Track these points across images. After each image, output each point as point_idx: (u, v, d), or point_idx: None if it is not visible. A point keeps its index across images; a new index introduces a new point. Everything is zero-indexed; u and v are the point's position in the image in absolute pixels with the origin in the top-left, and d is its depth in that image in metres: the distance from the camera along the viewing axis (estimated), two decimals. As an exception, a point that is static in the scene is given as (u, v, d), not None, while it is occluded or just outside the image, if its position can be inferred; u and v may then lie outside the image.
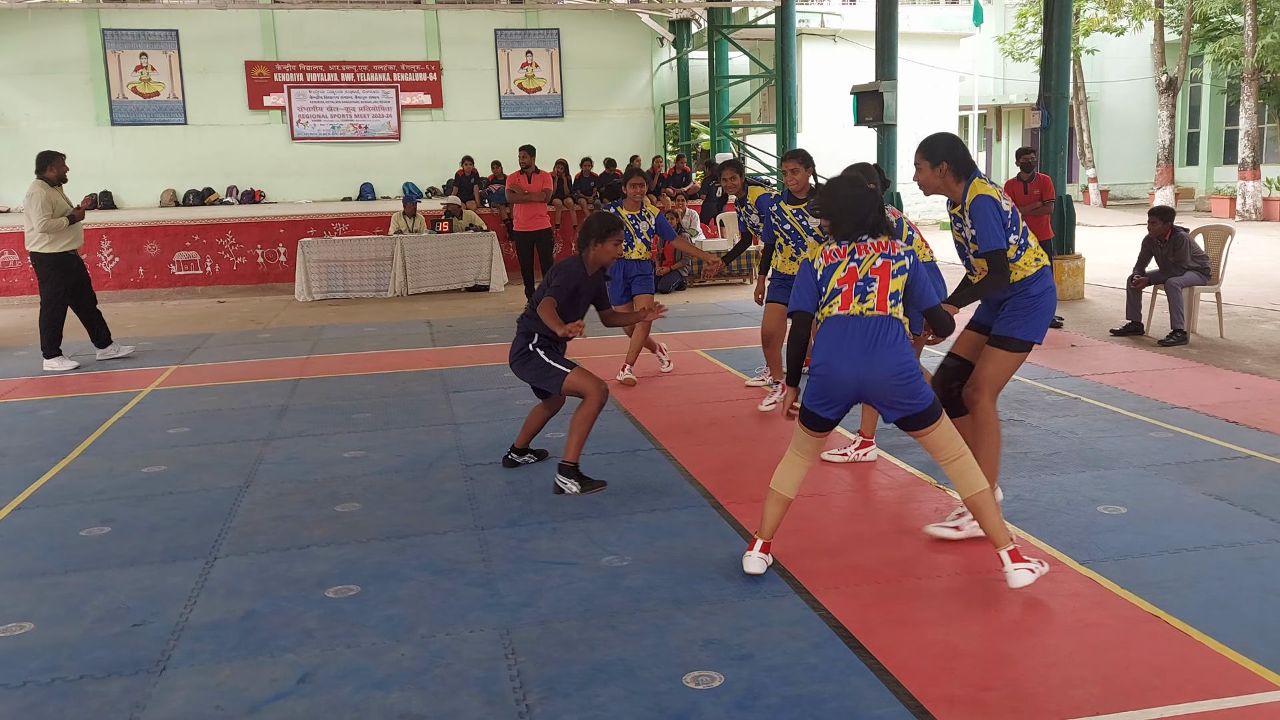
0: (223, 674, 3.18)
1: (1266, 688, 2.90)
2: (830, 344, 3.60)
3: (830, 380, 3.58)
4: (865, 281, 3.59)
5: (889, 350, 3.53)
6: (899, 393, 3.54)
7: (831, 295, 3.63)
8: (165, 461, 5.60)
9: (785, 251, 6.15)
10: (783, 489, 3.78)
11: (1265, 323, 9.08)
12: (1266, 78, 22.95)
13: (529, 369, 4.88)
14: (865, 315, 3.57)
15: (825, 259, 3.67)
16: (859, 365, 3.54)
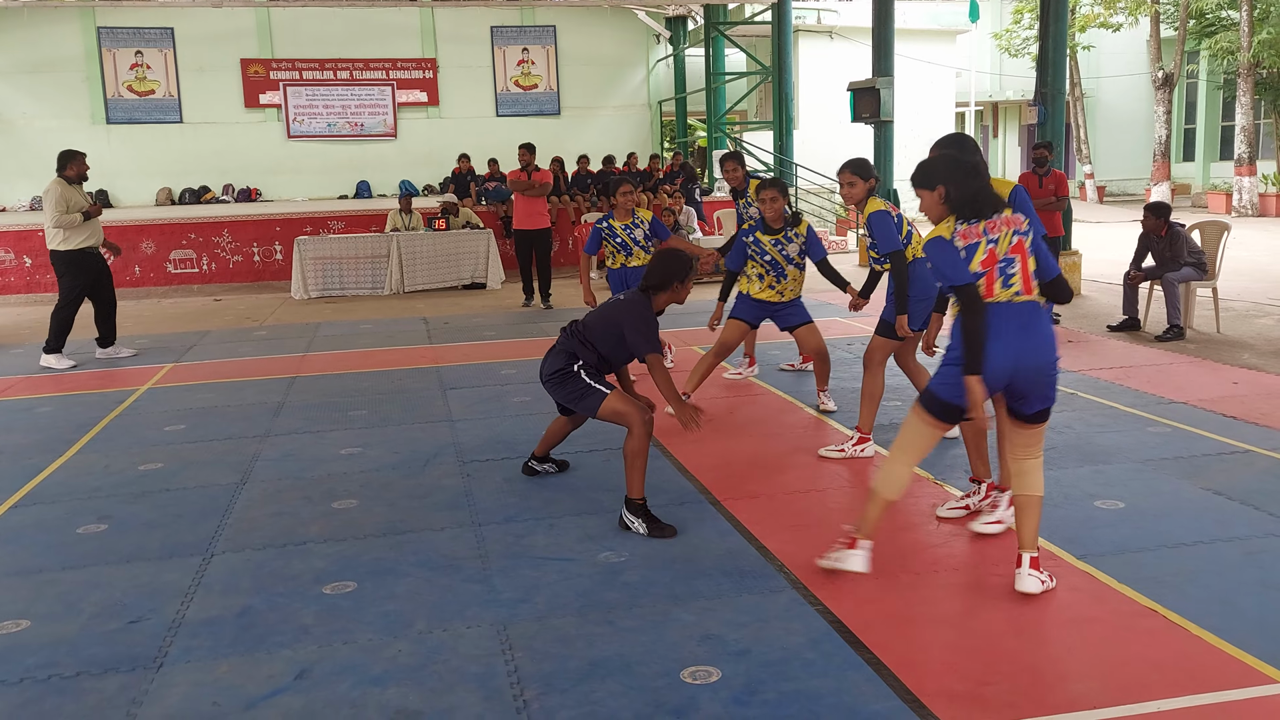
0: (219, 670, 3.17)
1: (1264, 682, 2.90)
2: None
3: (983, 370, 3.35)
4: (1006, 263, 3.39)
5: (1045, 336, 3.39)
6: (1047, 383, 3.41)
7: (974, 279, 3.41)
8: (162, 459, 5.59)
9: (765, 281, 5.96)
10: (890, 492, 3.59)
11: (1262, 317, 9.09)
12: (1262, 73, 22.97)
13: (567, 390, 4.49)
14: (1015, 302, 3.39)
15: (961, 238, 3.43)
16: (1016, 353, 3.35)
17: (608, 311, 4.53)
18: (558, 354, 4.57)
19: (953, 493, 4.59)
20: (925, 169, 3.55)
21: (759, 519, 4.36)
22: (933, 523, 4.27)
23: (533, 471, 5.07)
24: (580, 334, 4.54)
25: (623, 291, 4.75)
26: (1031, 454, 3.54)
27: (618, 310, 4.48)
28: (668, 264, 4.49)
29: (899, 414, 6.01)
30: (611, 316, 4.49)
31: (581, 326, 4.57)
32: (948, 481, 4.78)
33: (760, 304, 6.06)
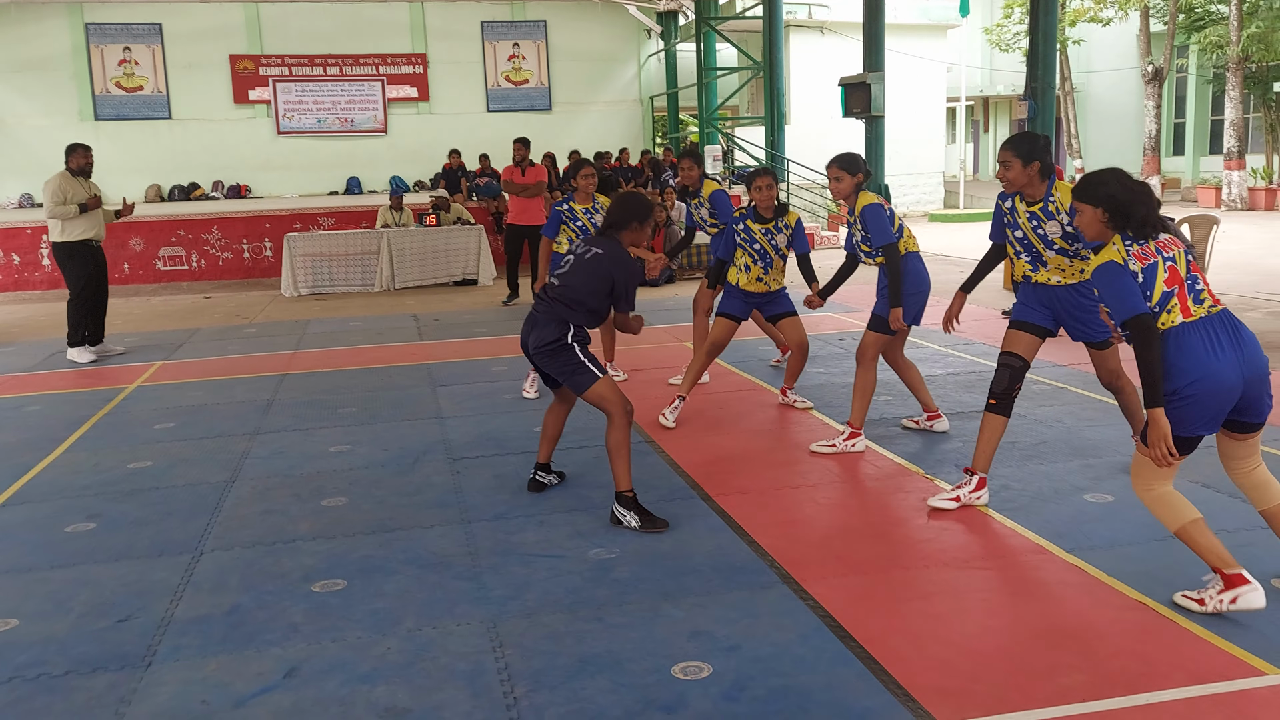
0: (208, 668, 3.16)
1: (1253, 673, 2.91)
2: (1197, 356, 3.14)
3: (1212, 395, 3.13)
4: (1191, 279, 3.20)
5: (1255, 341, 3.19)
6: (1269, 385, 3.23)
7: (1164, 300, 3.17)
8: (151, 457, 5.57)
9: (753, 271, 5.94)
10: (1189, 516, 3.28)
11: (1251, 310, 9.12)
12: (1251, 67, 23.02)
13: (559, 362, 4.31)
14: (1213, 314, 3.19)
15: (1138, 259, 3.20)
16: (1241, 365, 3.14)
17: (588, 265, 4.33)
18: (546, 322, 4.33)
19: (942, 486, 4.60)
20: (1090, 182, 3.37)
21: (749, 514, 4.36)
22: (922, 517, 4.28)
23: (540, 486, 4.75)
24: (564, 296, 4.32)
25: (584, 242, 4.47)
26: (1256, 463, 3.38)
27: (600, 263, 4.31)
28: (627, 203, 4.41)
29: (889, 409, 6.02)
30: (595, 269, 4.30)
31: (563, 288, 4.33)
32: (937, 475, 4.78)
33: (747, 295, 6.06)
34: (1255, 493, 3.40)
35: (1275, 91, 23.21)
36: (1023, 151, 4.28)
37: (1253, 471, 3.39)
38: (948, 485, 4.62)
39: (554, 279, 4.41)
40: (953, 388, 6.46)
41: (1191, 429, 3.19)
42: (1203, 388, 3.13)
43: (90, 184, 8.63)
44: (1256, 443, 3.37)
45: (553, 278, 4.42)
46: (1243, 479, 3.41)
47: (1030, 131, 4.18)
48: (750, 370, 7.34)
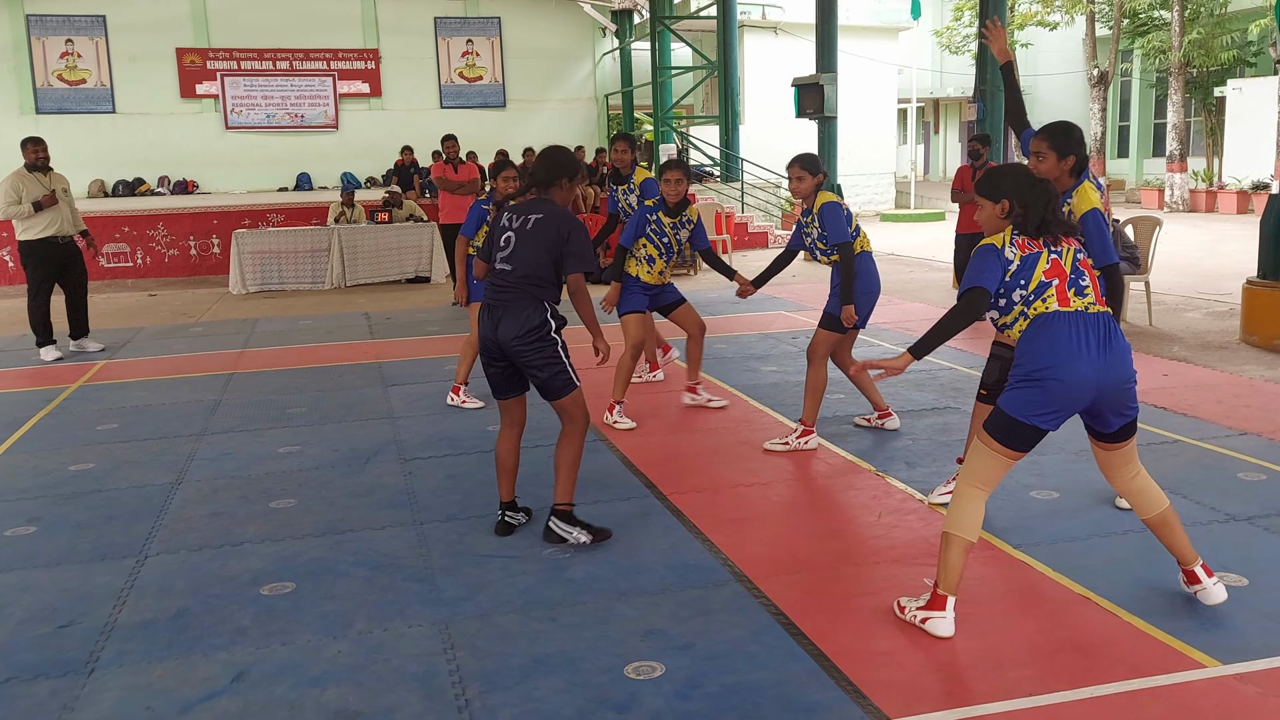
0: (154, 674, 3.10)
1: (1193, 666, 2.98)
2: (1057, 345, 3.08)
3: (1063, 386, 3.06)
4: (1076, 274, 3.16)
5: (1123, 351, 3.14)
6: (1129, 398, 3.17)
7: (1040, 289, 3.14)
8: (93, 459, 5.45)
9: (656, 265, 5.90)
10: (965, 531, 3.20)
11: (1192, 311, 9.34)
12: (1193, 73, 23.59)
13: (541, 356, 3.92)
14: (1090, 311, 3.13)
15: (1020, 248, 3.17)
16: (1099, 368, 3.08)
17: (531, 234, 3.93)
18: (518, 307, 3.91)
19: (893, 483, 4.65)
20: (992, 178, 3.31)
21: (703, 513, 4.38)
22: (874, 514, 4.32)
23: (509, 528, 4.22)
24: (520, 275, 3.92)
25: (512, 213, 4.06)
26: (1133, 473, 3.34)
27: (545, 225, 3.94)
28: (554, 159, 4.03)
29: (841, 407, 6.07)
30: (542, 233, 3.92)
31: (516, 269, 3.92)
32: (888, 473, 4.84)
33: (647, 288, 5.97)
34: (1136, 500, 3.36)
35: (1215, 96, 23.80)
36: (1058, 144, 3.89)
37: (1132, 480, 3.35)
38: (899, 482, 4.68)
39: (501, 264, 3.98)
40: (903, 386, 6.53)
41: (1030, 415, 3.10)
42: (1054, 375, 3.06)
43: (55, 177, 8.44)
44: (1129, 453, 3.32)
45: (500, 264, 3.98)
46: (1123, 487, 3.38)
47: (1068, 122, 3.92)
48: (705, 368, 7.35)
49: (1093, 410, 3.19)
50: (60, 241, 8.44)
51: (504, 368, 4.05)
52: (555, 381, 3.98)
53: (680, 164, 5.93)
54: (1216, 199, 22.12)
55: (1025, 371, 3.13)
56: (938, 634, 3.19)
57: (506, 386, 4.12)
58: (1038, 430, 3.14)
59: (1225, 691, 2.84)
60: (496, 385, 4.12)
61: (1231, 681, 2.89)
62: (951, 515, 3.24)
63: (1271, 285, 7.65)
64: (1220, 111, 23.51)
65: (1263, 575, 3.56)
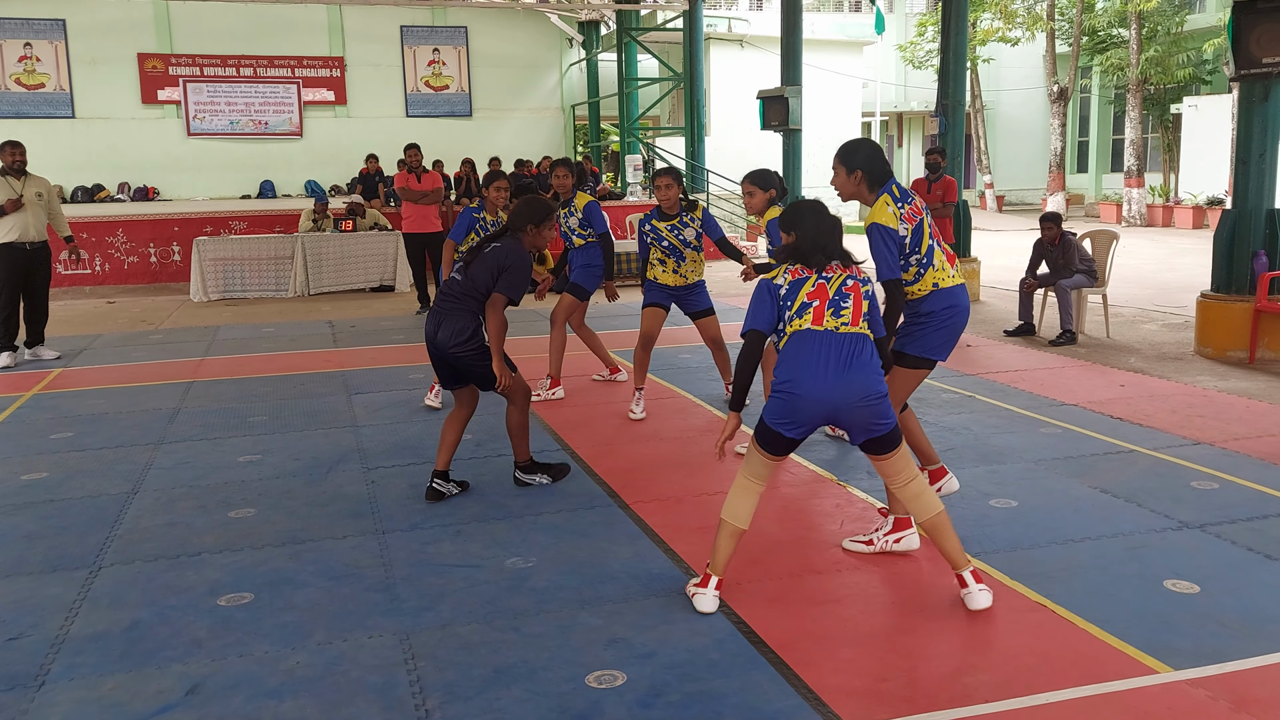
0: (105, 687, 3.04)
1: (1144, 672, 3.03)
2: (801, 361, 3.33)
3: (800, 400, 3.32)
4: (839, 297, 3.38)
5: (865, 370, 3.35)
6: (870, 414, 3.36)
7: (801, 309, 3.38)
8: (46, 468, 5.35)
9: (667, 266, 6.14)
10: (736, 519, 3.48)
11: (1148, 323, 9.50)
12: (1150, 89, 24.04)
13: (471, 358, 4.51)
14: (840, 331, 3.35)
15: (790, 275, 3.42)
16: (834, 386, 3.31)
17: (486, 258, 4.53)
18: (456, 315, 4.51)
19: (854, 492, 4.69)
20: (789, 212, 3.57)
21: (667, 521, 4.38)
22: (836, 522, 4.35)
23: (438, 494, 4.68)
24: (466, 288, 4.52)
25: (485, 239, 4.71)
26: (903, 481, 3.51)
27: (496, 254, 4.53)
28: (526, 207, 4.62)
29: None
30: (491, 260, 4.51)
31: (464, 281, 4.54)
32: (850, 483, 4.87)
33: (667, 289, 6.22)
34: (911, 505, 3.52)
35: (1172, 113, 24.27)
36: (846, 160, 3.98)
37: (905, 486, 3.51)
38: (860, 492, 4.72)
39: (455, 275, 4.61)
40: (866, 396, 6.58)
41: (774, 422, 3.38)
42: (793, 389, 3.33)
43: (34, 181, 8.31)
44: (899, 461, 3.48)
45: (454, 274, 4.62)
46: (899, 493, 3.54)
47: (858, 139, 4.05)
48: (670, 378, 7.37)
49: (840, 424, 3.42)
50: (27, 248, 8.30)
51: (444, 364, 4.64)
52: (486, 377, 4.56)
53: (670, 170, 6.13)
54: (1173, 214, 22.54)
55: (776, 382, 3.41)
56: (701, 609, 3.46)
57: (452, 379, 4.70)
58: (782, 438, 3.41)
59: (1176, 696, 2.89)
60: (443, 378, 4.72)
61: (1183, 686, 2.93)
62: (728, 503, 3.52)
63: (1224, 298, 7.80)
64: (1177, 128, 23.98)
65: (1213, 582, 3.63)
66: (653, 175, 6.14)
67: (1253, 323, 7.55)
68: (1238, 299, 7.72)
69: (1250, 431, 5.59)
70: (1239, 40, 7.29)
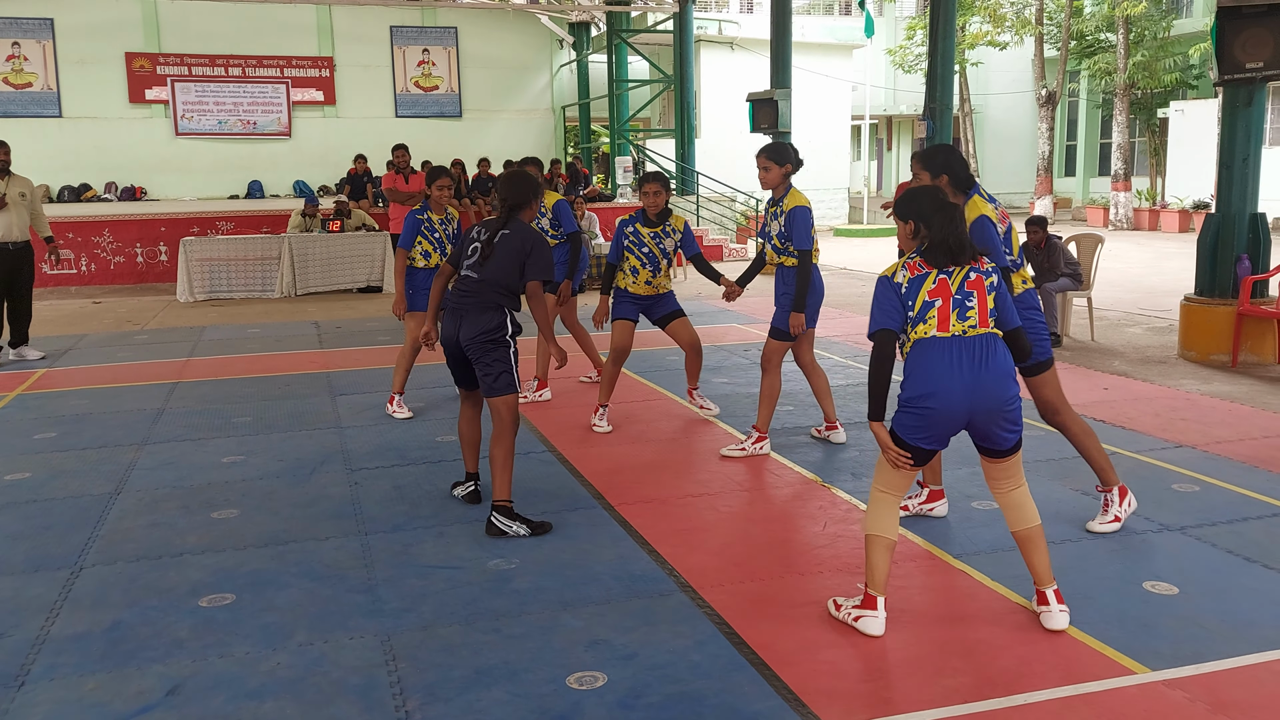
0: (86, 687, 3.04)
1: (1123, 673, 3.05)
2: (932, 373, 3.19)
3: (935, 414, 3.19)
4: (962, 295, 3.20)
5: (999, 374, 3.19)
6: (1007, 419, 3.23)
7: (924, 311, 3.20)
8: (30, 468, 5.33)
9: (641, 275, 5.98)
10: (884, 531, 3.34)
11: (1133, 326, 9.56)
12: (1138, 94, 24.18)
13: (491, 357, 4.29)
14: (969, 335, 3.19)
15: (909, 270, 3.24)
16: (969, 395, 3.16)
17: (500, 247, 4.34)
18: (479, 310, 4.29)
19: (838, 494, 4.70)
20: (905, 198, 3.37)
21: (651, 523, 4.39)
22: (819, 524, 4.36)
23: (478, 498, 4.68)
24: (486, 283, 4.31)
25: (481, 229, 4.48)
26: (1014, 485, 3.39)
27: (511, 240, 4.35)
28: (520, 183, 4.49)
29: (790, 419, 6.12)
30: (508, 248, 4.34)
31: (482, 278, 4.32)
32: (834, 484, 4.88)
33: (636, 299, 6.08)
34: (1009, 513, 3.42)
35: (1159, 117, 24.41)
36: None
37: (1010, 493, 3.41)
38: (845, 493, 4.73)
39: (468, 272, 4.38)
40: (850, 398, 6.60)
41: (911, 437, 3.26)
42: (931, 403, 3.19)
43: (15, 181, 8.30)
44: (1012, 467, 3.38)
45: (466, 271, 4.39)
46: (1001, 499, 3.44)
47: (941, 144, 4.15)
48: (656, 380, 7.39)
49: (977, 431, 3.29)
50: (10, 248, 8.28)
51: (462, 362, 4.48)
52: (499, 381, 4.34)
53: (658, 176, 6.02)
54: (1159, 217, 22.66)
55: (906, 396, 3.27)
56: (870, 633, 3.30)
57: (466, 380, 4.57)
58: (923, 450, 3.29)
59: (1154, 697, 2.91)
60: (458, 378, 4.59)
61: (1160, 687, 2.95)
62: (869, 518, 3.39)
63: (1207, 302, 7.85)
64: (1164, 132, 24.12)
65: (1193, 584, 3.65)
66: (640, 180, 6.06)
67: (1235, 326, 7.60)
68: (1221, 303, 7.77)
69: (1232, 435, 5.63)
70: (1223, 45, 7.34)
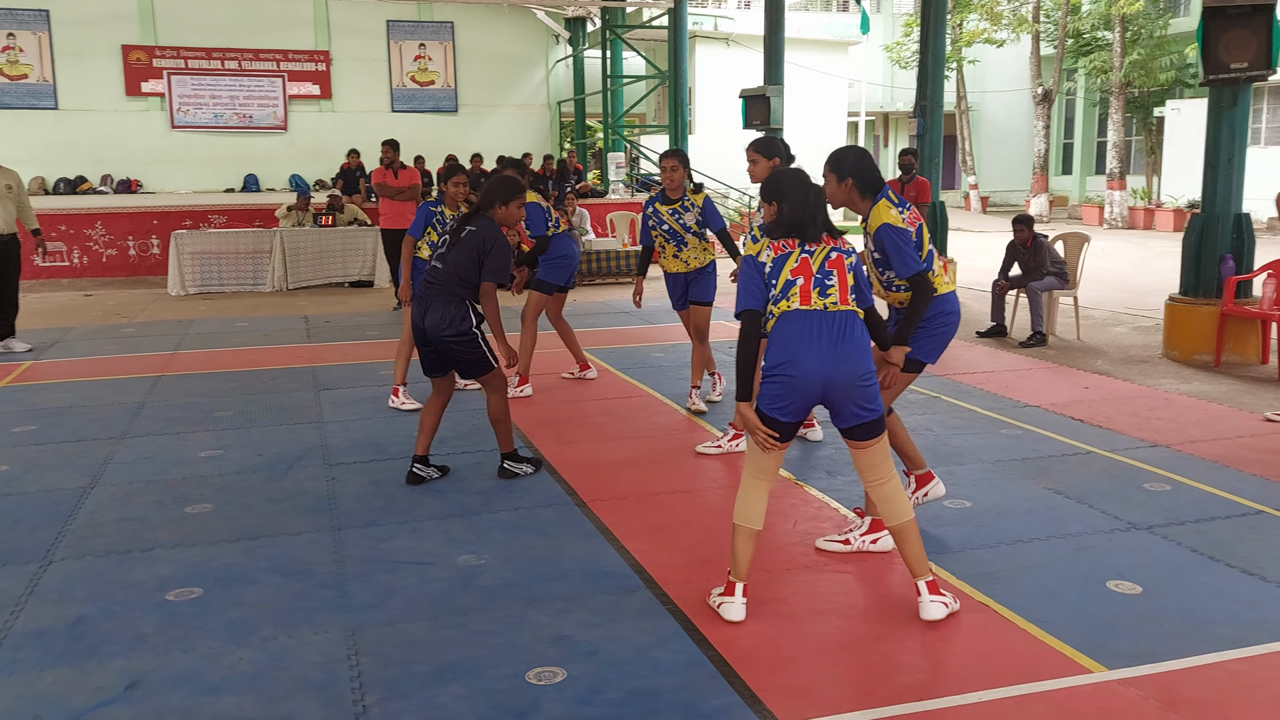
0: (45, 682, 3.05)
1: (1079, 671, 3.06)
2: (792, 341, 3.28)
3: (795, 381, 3.27)
4: (823, 274, 3.32)
5: (858, 348, 3.30)
6: (862, 395, 3.31)
7: (786, 288, 3.32)
8: (5, 461, 5.34)
9: (668, 250, 6.08)
10: (749, 521, 3.41)
11: (1119, 326, 9.56)
12: (1134, 93, 24.16)
13: (459, 348, 4.64)
14: (829, 310, 3.30)
15: (774, 250, 3.36)
16: (826, 363, 3.26)
17: (464, 242, 4.65)
18: (443, 302, 4.61)
19: (810, 492, 4.71)
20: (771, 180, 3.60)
21: (623, 520, 4.40)
22: (790, 522, 4.37)
23: (418, 479, 4.88)
24: (448, 274, 4.63)
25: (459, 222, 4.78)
26: (880, 478, 3.44)
27: (474, 237, 4.64)
28: (495, 185, 4.78)
29: (770, 416, 6.13)
30: (470, 243, 4.64)
31: (445, 268, 4.64)
32: (808, 483, 4.90)
33: (677, 279, 6.15)
34: (882, 507, 3.44)
35: (1155, 116, 24.39)
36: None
37: (882, 484, 3.44)
38: (817, 491, 4.75)
39: (435, 262, 4.73)
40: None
41: (769, 407, 3.32)
42: (788, 370, 3.27)
43: (3, 172, 8.41)
44: (877, 454, 3.41)
45: (434, 261, 4.74)
46: (872, 491, 3.47)
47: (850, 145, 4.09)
48: (639, 376, 7.40)
49: (830, 404, 3.35)
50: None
51: (431, 350, 4.74)
52: (474, 365, 4.72)
53: (676, 152, 6.07)
54: (1154, 216, 22.66)
55: (767, 366, 3.34)
56: (729, 618, 3.39)
57: (435, 366, 4.82)
58: (779, 423, 3.34)
59: (1107, 695, 2.92)
60: (427, 365, 4.82)
61: (1115, 686, 2.97)
62: (738, 506, 3.45)
63: (1191, 302, 7.86)
64: (1160, 131, 24.11)
65: (1155, 583, 3.67)
66: (660, 156, 6.10)
67: (1218, 326, 7.61)
68: (1205, 303, 7.78)
69: (1206, 434, 5.64)
70: (1208, 46, 7.34)
